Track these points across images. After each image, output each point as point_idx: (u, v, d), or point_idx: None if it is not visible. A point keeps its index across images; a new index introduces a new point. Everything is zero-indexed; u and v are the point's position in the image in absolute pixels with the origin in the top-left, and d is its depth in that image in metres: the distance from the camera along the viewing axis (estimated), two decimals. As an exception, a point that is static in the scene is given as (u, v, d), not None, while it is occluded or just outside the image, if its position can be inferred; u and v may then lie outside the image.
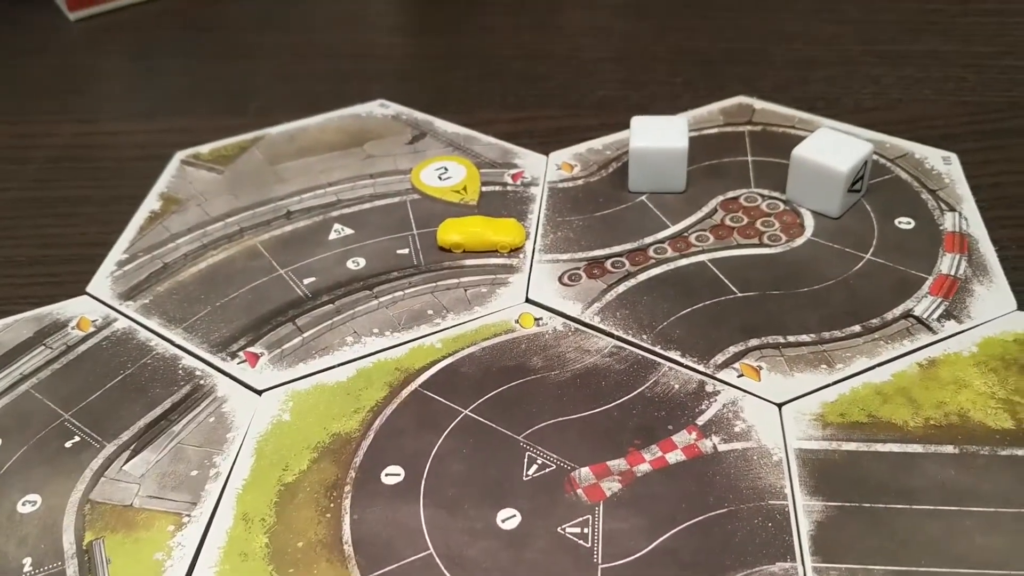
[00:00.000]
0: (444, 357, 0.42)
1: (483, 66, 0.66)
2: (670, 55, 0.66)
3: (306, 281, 0.47)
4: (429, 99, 0.61)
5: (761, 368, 0.40)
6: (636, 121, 0.50)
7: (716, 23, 0.70)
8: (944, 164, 0.51)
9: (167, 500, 0.37)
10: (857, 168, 0.47)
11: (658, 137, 0.49)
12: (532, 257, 0.47)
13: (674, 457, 0.37)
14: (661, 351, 0.42)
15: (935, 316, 0.42)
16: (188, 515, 0.36)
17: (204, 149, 0.57)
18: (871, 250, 0.46)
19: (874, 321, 0.42)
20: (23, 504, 0.37)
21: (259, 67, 0.68)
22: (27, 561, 0.35)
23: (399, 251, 0.48)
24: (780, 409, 0.39)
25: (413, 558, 0.34)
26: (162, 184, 0.55)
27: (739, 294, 0.44)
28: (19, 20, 0.77)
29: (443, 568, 0.34)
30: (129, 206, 0.53)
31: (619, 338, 0.42)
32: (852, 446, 0.37)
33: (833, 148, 0.47)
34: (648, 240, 0.48)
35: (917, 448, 0.37)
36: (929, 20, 0.68)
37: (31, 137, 0.61)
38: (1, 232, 0.52)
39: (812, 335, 0.42)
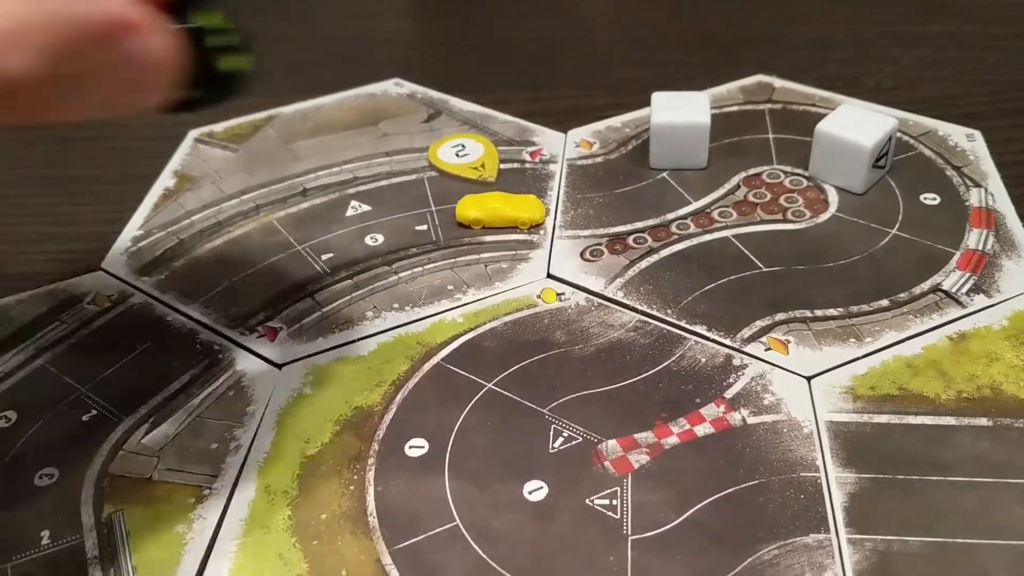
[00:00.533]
0: (466, 331, 0.41)
1: (495, 49, 0.66)
2: (685, 38, 0.66)
3: (324, 257, 0.46)
4: (442, 81, 0.60)
5: (789, 342, 0.40)
6: (657, 97, 0.50)
7: (730, 6, 0.69)
8: (968, 141, 0.51)
9: (187, 473, 0.36)
10: (882, 143, 0.46)
11: (680, 113, 0.49)
12: (553, 233, 0.47)
13: (703, 430, 0.36)
14: (686, 325, 0.41)
15: (964, 290, 0.42)
16: (209, 488, 0.35)
17: (218, 127, 0.57)
18: (896, 225, 0.45)
19: (902, 295, 0.42)
20: (40, 477, 0.36)
21: (266, 51, 0.67)
22: (45, 534, 0.34)
23: (417, 227, 0.48)
24: (809, 382, 0.38)
25: (439, 530, 0.33)
26: (176, 162, 0.54)
27: (764, 269, 0.44)
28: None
29: (470, 540, 0.33)
30: (142, 184, 0.52)
31: (643, 313, 0.42)
32: (884, 419, 0.36)
33: (857, 123, 0.47)
34: (670, 216, 0.47)
35: (950, 421, 0.36)
36: (944, 2, 0.68)
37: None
38: (12, 210, 0.52)
39: (840, 309, 0.41)
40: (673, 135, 0.49)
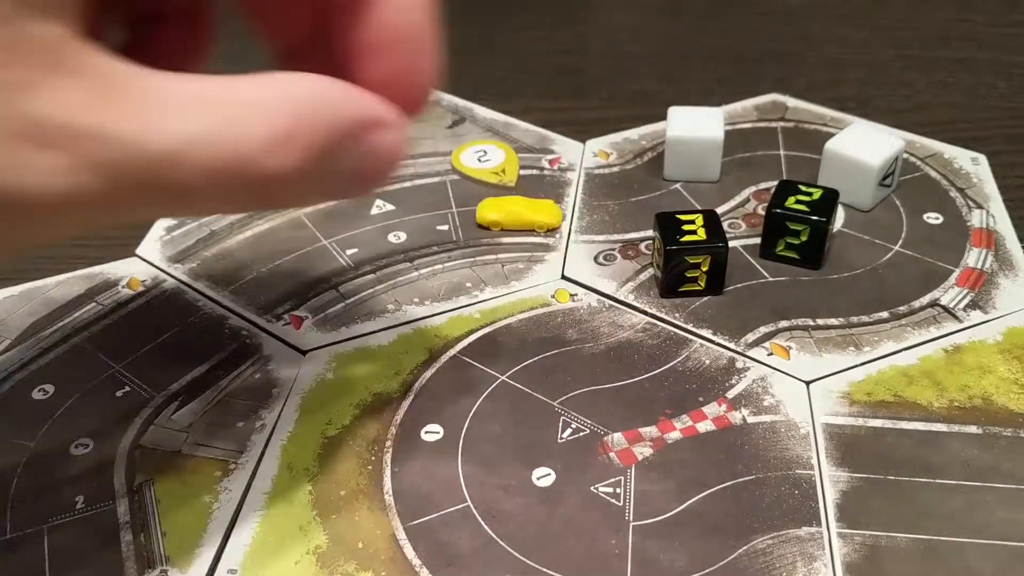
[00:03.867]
0: (482, 327, 0.43)
1: (520, 59, 0.68)
2: (704, 54, 0.68)
3: (348, 252, 0.48)
4: (467, 89, 0.63)
5: (791, 348, 0.42)
6: (673, 111, 0.52)
7: (749, 25, 0.72)
8: (973, 164, 0.53)
9: (214, 448, 0.38)
10: (888, 162, 0.48)
11: (695, 127, 0.51)
12: (568, 237, 0.49)
13: (704, 427, 0.38)
14: (693, 329, 0.43)
15: (961, 306, 0.43)
16: (235, 462, 0.37)
17: (250, 125, 0.59)
18: (900, 242, 0.47)
19: (901, 308, 0.43)
20: (76, 447, 0.38)
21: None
22: (80, 499, 0.36)
23: (439, 227, 0.50)
24: (808, 386, 0.40)
25: (451, 509, 0.35)
26: (209, 157, 0.56)
27: (770, 279, 0.45)
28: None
29: (480, 520, 0.35)
30: (177, 176, 0.54)
31: (652, 315, 0.44)
32: (878, 423, 0.38)
33: (865, 143, 0.49)
34: (682, 225, 0.49)
35: (941, 427, 0.38)
36: (959, 29, 0.69)
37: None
38: (53, 196, 0.54)
39: (841, 319, 0.43)
40: (687, 148, 0.51)
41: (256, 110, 0.24)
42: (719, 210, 0.50)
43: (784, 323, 0.43)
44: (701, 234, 0.43)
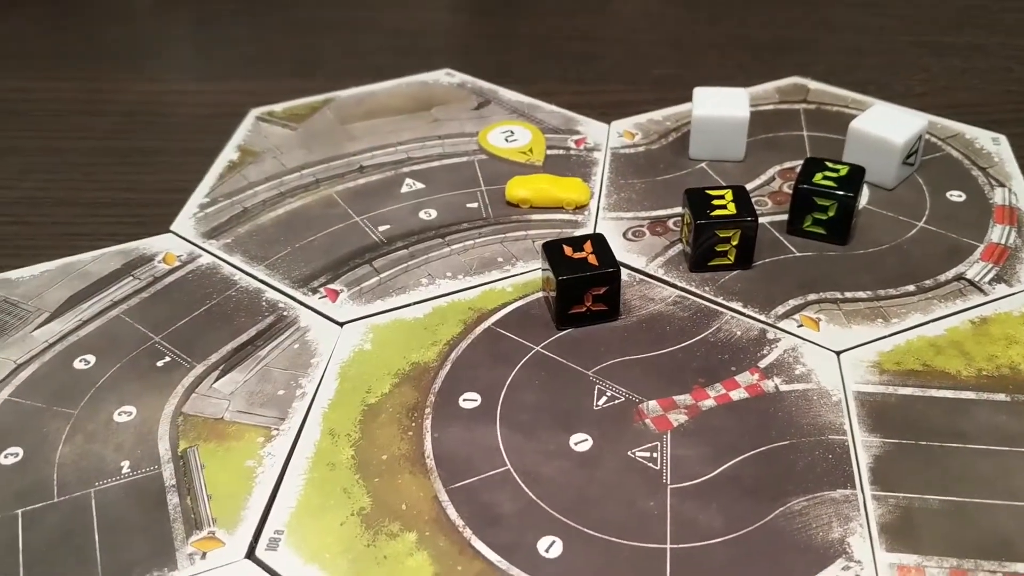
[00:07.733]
0: (515, 300, 0.44)
1: (542, 45, 0.69)
2: (723, 40, 0.68)
3: (381, 228, 0.49)
4: (491, 73, 0.63)
5: (820, 320, 0.42)
6: (699, 91, 0.53)
7: (767, 13, 0.72)
8: (993, 144, 0.53)
9: (256, 415, 0.39)
10: (912, 141, 0.49)
11: (720, 107, 0.52)
12: (597, 214, 0.49)
13: (737, 395, 0.39)
14: (723, 302, 0.43)
15: (986, 279, 0.44)
16: (277, 429, 0.38)
17: (278, 107, 0.60)
18: (924, 219, 0.48)
19: (928, 282, 0.44)
20: (119, 415, 0.39)
21: (324, 39, 0.71)
22: (125, 464, 0.37)
23: (469, 205, 0.50)
24: (839, 356, 0.40)
25: (492, 472, 0.36)
26: (239, 138, 0.57)
27: (797, 254, 0.46)
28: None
29: (521, 483, 0.36)
30: (207, 157, 0.55)
31: (682, 289, 0.44)
32: (908, 391, 0.39)
33: (889, 122, 0.49)
34: (708, 203, 0.50)
35: (970, 395, 0.38)
36: (972, 15, 0.70)
37: (106, 93, 0.64)
38: (85, 176, 0.55)
39: (868, 292, 0.44)
40: (713, 127, 0.52)
41: None
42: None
43: (813, 296, 0.43)
44: (731, 208, 0.44)
